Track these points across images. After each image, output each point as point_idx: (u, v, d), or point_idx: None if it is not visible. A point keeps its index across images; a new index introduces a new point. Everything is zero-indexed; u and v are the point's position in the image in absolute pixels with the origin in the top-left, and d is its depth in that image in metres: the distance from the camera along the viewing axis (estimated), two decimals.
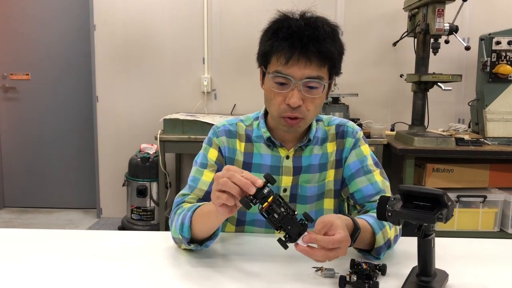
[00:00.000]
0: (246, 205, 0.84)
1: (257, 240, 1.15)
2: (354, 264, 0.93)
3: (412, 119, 3.02)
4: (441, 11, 2.66)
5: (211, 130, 1.23)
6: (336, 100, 3.05)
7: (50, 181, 3.85)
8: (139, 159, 3.18)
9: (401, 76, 3.13)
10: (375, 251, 1.01)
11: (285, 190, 1.17)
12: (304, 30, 1.02)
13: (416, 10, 2.88)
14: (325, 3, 3.28)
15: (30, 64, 3.72)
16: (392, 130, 3.24)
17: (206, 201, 1.11)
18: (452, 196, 2.65)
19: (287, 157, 1.17)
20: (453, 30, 2.71)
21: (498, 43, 2.83)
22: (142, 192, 3.17)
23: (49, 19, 3.67)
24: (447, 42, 2.83)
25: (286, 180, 1.17)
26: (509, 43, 2.82)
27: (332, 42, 1.04)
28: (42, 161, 3.83)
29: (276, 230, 0.86)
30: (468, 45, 2.74)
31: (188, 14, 3.41)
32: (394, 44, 3.22)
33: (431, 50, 2.81)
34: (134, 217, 3.23)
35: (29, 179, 3.85)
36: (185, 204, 1.12)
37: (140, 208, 3.21)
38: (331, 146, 1.20)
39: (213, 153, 1.18)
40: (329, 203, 1.20)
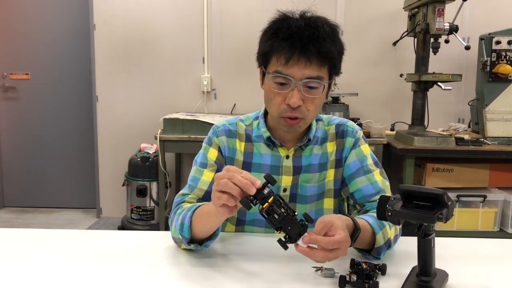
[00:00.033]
0: (246, 206, 0.84)
1: (257, 240, 1.15)
2: (354, 264, 0.93)
3: (412, 119, 3.02)
4: (441, 11, 2.66)
5: (211, 130, 1.23)
6: (336, 100, 3.05)
7: (50, 181, 3.85)
8: (139, 159, 3.18)
9: (401, 76, 3.13)
10: (375, 251, 1.01)
11: (285, 190, 1.17)
12: (304, 30, 1.01)
13: (416, 10, 2.88)
14: (325, 3, 3.28)
15: (30, 64, 3.72)
16: (392, 130, 3.24)
17: (206, 201, 1.11)
18: (452, 196, 2.64)
19: (287, 157, 1.17)
20: (453, 30, 2.71)
21: (498, 43, 2.84)
22: (142, 192, 3.17)
23: (49, 19, 3.66)
24: (447, 42, 2.83)
25: (286, 180, 1.17)
26: (509, 43, 2.82)
27: (332, 42, 1.04)
28: (42, 161, 3.83)
29: (276, 231, 0.86)
30: (468, 45, 2.74)
31: (188, 14, 3.41)
32: (394, 44, 3.22)
33: (431, 50, 2.81)
34: (134, 217, 3.22)
35: (29, 179, 3.85)
36: (185, 204, 1.12)
37: (140, 208, 3.21)
38: (331, 146, 1.20)
39: (213, 153, 1.18)
40: (329, 203, 1.20)
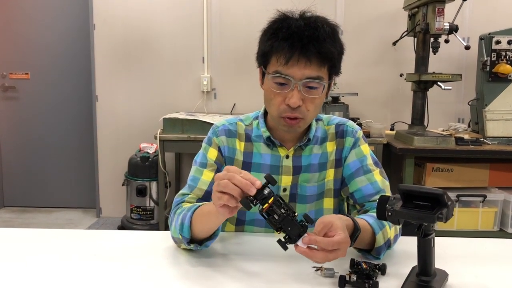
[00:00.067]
0: (246, 206, 0.84)
1: (257, 240, 1.15)
2: (354, 264, 0.93)
3: (412, 119, 3.02)
4: (441, 11, 2.66)
5: (211, 130, 1.22)
6: (336, 100, 3.05)
7: (50, 181, 3.85)
8: (139, 159, 3.18)
9: (401, 76, 3.13)
10: (375, 251, 1.01)
11: (285, 190, 1.17)
12: (304, 30, 1.01)
13: (416, 10, 2.88)
14: (325, 3, 3.28)
15: (30, 64, 3.72)
16: (392, 130, 3.24)
17: (206, 201, 1.11)
18: (452, 196, 2.64)
19: (287, 157, 1.17)
20: (453, 30, 2.71)
21: (498, 43, 2.84)
22: (142, 192, 3.17)
23: (49, 19, 3.66)
24: (447, 42, 2.83)
25: (286, 180, 1.17)
26: (509, 43, 2.82)
27: (332, 42, 1.03)
28: (42, 161, 3.83)
29: (276, 231, 0.86)
30: (468, 45, 2.74)
31: (188, 14, 3.41)
32: (394, 44, 3.22)
33: (431, 50, 2.81)
34: (134, 217, 3.22)
35: (29, 179, 3.85)
36: (185, 204, 1.12)
37: (140, 208, 3.21)
38: (331, 146, 1.20)
39: (213, 153, 1.18)
40: (329, 203, 1.20)
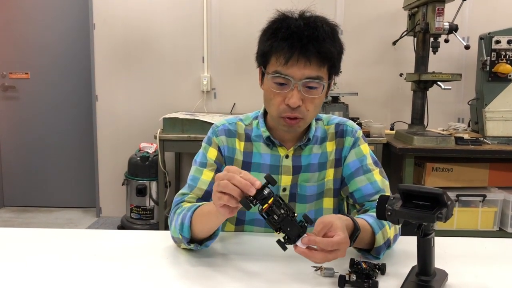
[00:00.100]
0: (246, 206, 0.84)
1: (257, 240, 1.15)
2: (354, 264, 0.93)
3: (412, 118, 3.02)
4: (441, 10, 2.66)
5: (211, 129, 1.22)
6: (336, 99, 3.05)
7: (50, 180, 3.85)
8: (139, 158, 3.18)
9: (401, 75, 3.13)
10: (375, 251, 1.01)
11: (285, 190, 1.17)
12: (304, 30, 1.01)
13: (416, 9, 2.88)
14: (325, 2, 3.28)
15: (30, 63, 3.71)
16: (392, 129, 3.25)
17: (206, 200, 1.11)
18: (452, 195, 2.63)
19: (287, 157, 1.17)
20: (453, 29, 2.71)
21: (498, 42, 2.84)
22: (142, 191, 3.17)
23: (49, 18, 3.66)
24: (447, 41, 2.83)
25: (286, 180, 1.17)
26: (509, 42, 2.82)
27: (332, 42, 1.03)
28: (42, 160, 3.83)
29: (276, 231, 0.86)
30: (468, 44, 2.74)
31: (188, 14, 3.41)
32: (394, 43, 3.22)
33: (431, 49, 2.81)
34: (134, 216, 3.23)
35: (29, 178, 3.85)
36: (185, 204, 1.12)
37: (140, 207, 3.21)
38: (331, 145, 1.20)
39: (213, 152, 1.18)
40: (329, 202, 1.20)
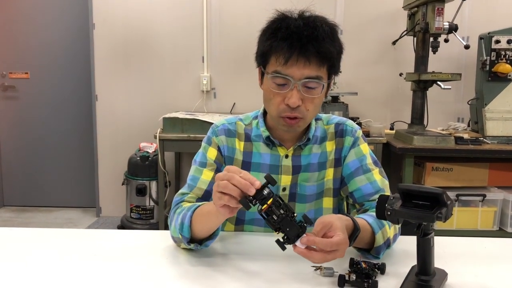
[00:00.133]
0: (246, 206, 0.84)
1: (256, 239, 1.15)
2: (353, 263, 0.93)
3: (412, 118, 3.01)
4: (441, 10, 2.66)
5: (210, 129, 1.22)
6: (336, 99, 3.05)
7: (50, 180, 3.85)
8: (139, 158, 3.18)
9: (401, 75, 3.13)
10: (375, 251, 1.01)
11: (284, 189, 1.17)
12: (303, 30, 1.01)
13: (416, 9, 2.88)
14: (324, 2, 3.27)
15: (30, 63, 3.71)
16: (392, 129, 3.24)
17: (205, 200, 1.11)
18: (451, 195, 2.65)
19: (286, 156, 1.17)
20: (453, 29, 2.71)
21: (498, 42, 2.83)
22: (142, 191, 3.17)
23: (49, 18, 3.66)
24: (447, 41, 2.83)
25: (285, 179, 1.17)
26: (509, 42, 2.82)
27: (331, 42, 1.03)
28: (42, 160, 3.83)
29: (275, 231, 0.86)
30: (468, 44, 2.74)
31: (188, 14, 3.41)
32: (394, 43, 3.22)
33: (431, 49, 2.81)
34: (134, 216, 3.23)
35: (28, 178, 3.85)
36: (185, 203, 1.12)
37: (140, 207, 3.21)
38: (330, 145, 1.20)
39: (212, 152, 1.18)
40: (328, 202, 1.20)
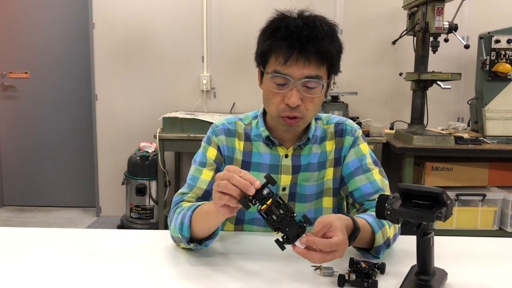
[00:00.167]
0: (245, 206, 0.84)
1: (256, 239, 1.15)
2: (353, 263, 0.93)
3: (412, 118, 3.01)
4: (441, 10, 2.66)
5: (210, 129, 1.22)
6: (336, 99, 3.05)
7: (49, 180, 3.85)
8: (138, 158, 3.18)
9: (401, 75, 3.13)
10: (375, 250, 1.01)
11: (284, 189, 1.17)
12: (303, 30, 1.01)
13: (416, 9, 2.88)
14: (324, 2, 3.28)
15: (29, 63, 3.71)
16: (391, 129, 3.24)
17: (205, 200, 1.11)
18: (451, 195, 2.65)
19: (286, 156, 1.17)
20: (453, 29, 2.71)
21: (498, 42, 2.84)
22: (141, 191, 3.17)
23: (48, 18, 3.66)
24: (447, 41, 2.83)
25: (285, 179, 1.17)
26: (508, 42, 2.82)
27: (331, 41, 1.03)
28: (41, 160, 3.83)
29: (274, 231, 0.86)
30: (468, 44, 2.74)
31: (188, 14, 3.41)
32: (394, 43, 3.22)
33: (431, 49, 2.81)
34: (133, 216, 3.23)
35: (28, 178, 3.85)
36: (184, 203, 1.12)
37: (139, 207, 3.21)
38: (330, 145, 1.20)
39: (212, 152, 1.18)
40: (328, 202, 1.20)
